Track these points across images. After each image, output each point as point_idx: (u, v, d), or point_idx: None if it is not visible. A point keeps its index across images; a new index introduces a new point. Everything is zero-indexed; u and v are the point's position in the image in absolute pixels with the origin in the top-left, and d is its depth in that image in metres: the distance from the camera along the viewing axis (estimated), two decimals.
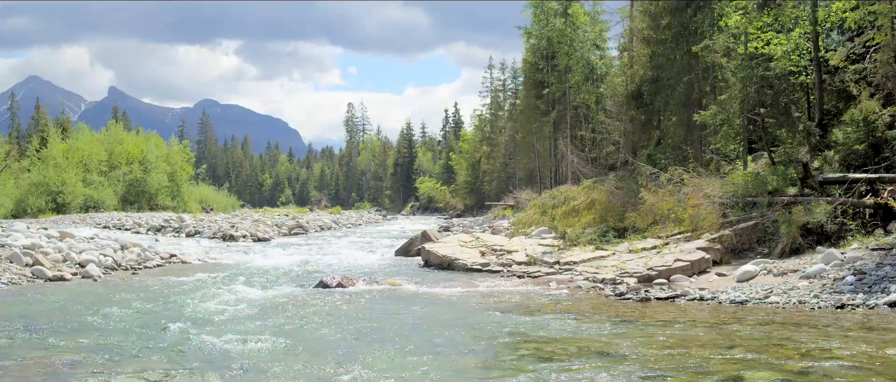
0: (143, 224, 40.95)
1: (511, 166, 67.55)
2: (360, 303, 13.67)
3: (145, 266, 20.96)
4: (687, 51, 25.40)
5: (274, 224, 43.16)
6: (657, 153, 28.32)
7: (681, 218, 19.44)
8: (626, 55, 35.68)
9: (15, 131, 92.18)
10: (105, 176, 61.82)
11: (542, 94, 45.97)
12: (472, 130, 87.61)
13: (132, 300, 14.21)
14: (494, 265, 19.70)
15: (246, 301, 13.92)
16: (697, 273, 16.00)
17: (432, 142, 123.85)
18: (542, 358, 8.63)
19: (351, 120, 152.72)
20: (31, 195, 52.95)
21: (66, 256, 19.64)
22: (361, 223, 57.78)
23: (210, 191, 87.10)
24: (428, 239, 24.62)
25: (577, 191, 26.94)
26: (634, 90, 31.95)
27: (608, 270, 17.08)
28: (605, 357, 8.58)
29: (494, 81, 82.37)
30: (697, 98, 26.07)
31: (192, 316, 12.07)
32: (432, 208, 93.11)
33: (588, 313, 12.18)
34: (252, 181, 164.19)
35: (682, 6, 26.18)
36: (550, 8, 44.47)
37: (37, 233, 23.16)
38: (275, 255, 25.45)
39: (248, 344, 9.63)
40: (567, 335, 10.18)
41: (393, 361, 8.66)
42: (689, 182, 20.24)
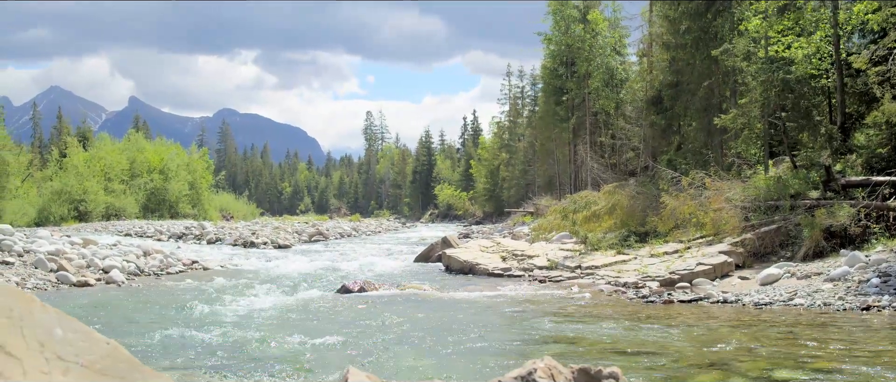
0: (164, 232, 41.26)
1: (530, 173, 67.51)
2: (382, 307, 13.71)
3: (168, 272, 21.10)
4: (707, 55, 25.32)
5: (294, 232, 43.38)
6: (677, 158, 28.23)
7: (702, 222, 19.38)
8: (646, 61, 35.61)
9: (37, 141, 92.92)
10: (126, 184, 62.25)
11: (562, 100, 45.96)
12: (490, 138, 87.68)
13: (156, 304, 14.32)
14: (516, 269, 19.69)
15: (269, 306, 13.99)
16: (720, 277, 15.93)
17: (451, 150, 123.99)
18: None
19: (369, 128, 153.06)
20: (54, 204, 53.40)
21: (89, 262, 19.81)
22: (381, 231, 57.93)
23: (230, 199, 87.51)
24: (448, 245, 24.65)
25: (597, 196, 26.91)
26: (654, 95, 31.87)
27: (630, 274, 17.05)
28: (632, 357, 8.58)
29: (513, 89, 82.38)
30: (718, 102, 25.99)
31: (217, 320, 12.15)
32: (451, 215, 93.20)
33: (611, 315, 12.17)
34: (271, 190, 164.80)
35: (701, 11, 26.10)
36: (570, 14, 44.48)
37: (60, 240, 23.37)
38: (296, 261, 25.54)
39: (273, 348, 9.68)
40: (592, 336, 10.18)
41: (418, 363, 8.68)
42: (710, 186, 20.17)
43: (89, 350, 2.11)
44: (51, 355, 1.99)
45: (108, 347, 2.17)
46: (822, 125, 20.87)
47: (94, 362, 2.07)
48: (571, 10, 44.59)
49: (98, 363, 2.08)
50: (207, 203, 71.02)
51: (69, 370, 2.00)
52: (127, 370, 2.13)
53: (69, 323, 2.20)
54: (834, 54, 20.11)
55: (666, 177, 23.60)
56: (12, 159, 50.76)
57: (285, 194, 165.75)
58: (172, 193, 65.29)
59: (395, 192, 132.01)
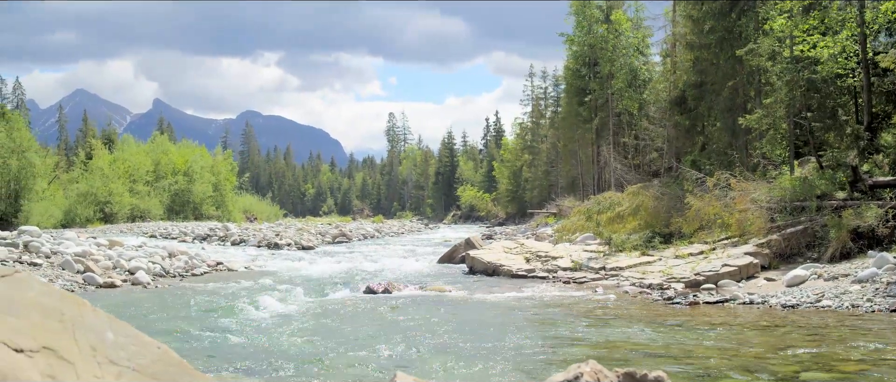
0: (189, 233, 41.50)
1: (553, 174, 67.36)
2: (407, 308, 13.73)
3: (193, 274, 21.20)
4: (731, 55, 25.17)
5: (317, 233, 43.48)
6: (702, 159, 28.07)
7: (727, 223, 19.27)
8: (669, 61, 35.45)
9: (63, 143, 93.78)
10: (151, 186, 62.73)
11: (585, 101, 45.85)
12: (513, 139, 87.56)
13: (183, 306, 14.40)
14: (540, 271, 19.66)
15: (295, 307, 14.05)
16: (746, 278, 15.84)
17: (473, 151, 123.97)
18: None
19: (392, 130, 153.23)
20: (80, 205, 53.91)
21: (115, 263, 19.94)
22: (404, 232, 57.98)
23: (254, 201, 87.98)
24: (472, 246, 24.65)
25: (621, 197, 26.82)
26: (678, 96, 31.71)
27: (655, 275, 16.98)
28: (659, 359, 8.55)
29: (535, 89, 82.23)
30: (742, 103, 25.82)
31: (242, 321, 12.21)
32: (474, 216, 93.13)
33: (637, 317, 12.13)
34: (294, 191, 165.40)
35: (725, 10, 25.96)
36: (593, 15, 44.36)
37: (86, 241, 23.56)
38: (320, 262, 25.60)
39: (299, 348, 9.73)
40: (618, 337, 10.15)
41: (445, 364, 8.69)
42: (735, 187, 20.05)
43: (140, 354, 2.12)
44: (103, 359, 2.01)
45: (159, 351, 2.19)
46: (849, 125, 20.70)
47: (146, 366, 2.09)
48: (594, 11, 44.48)
49: (149, 367, 2.10)
50: (231, 205, 71.45)
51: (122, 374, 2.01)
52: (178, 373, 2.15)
53: (120, 327, 2.22)
54: (860, 53, 19.94)
55: (690, 178, 23.49)
56: (39, 161, 51.26)
57: (308, 195, 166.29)
58: (197, 194, 65.75)
59: (418, 193, 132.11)
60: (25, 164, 48.36)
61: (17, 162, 47.72)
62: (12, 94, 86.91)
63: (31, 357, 1.86)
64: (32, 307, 2.02)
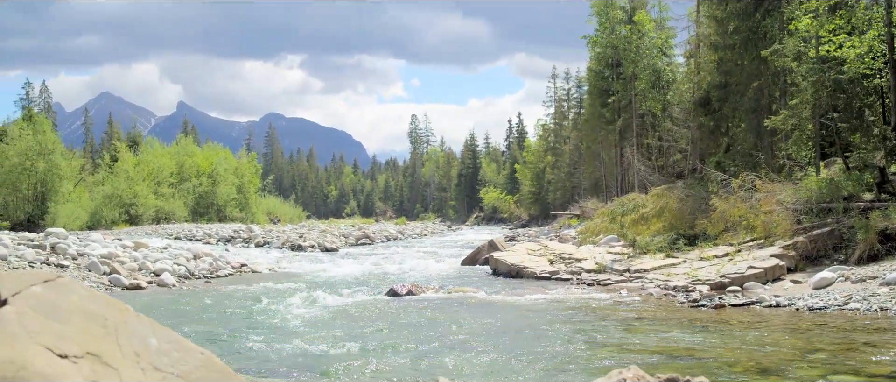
0: (213, 235, 41.72)
1: (576, 176, 67.20)
2: (431, 310, 13.73)
3: (217, 275, 21.31)
4: (756, 56, 25.00)
5: (340, 235, 43.60)
6: (726, 160, 27.91)
7: (753, 225, 19.14)
8: (693, 61, 35.26)
9: (89, 146, 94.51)
10: (175, 188, 63.13)
11: (608, 102, 45.70)
12: (536, 140, 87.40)
13: (207, 307, 14.49)
14: (563, 273, 19.61)
15: (319, 309, 14.09)
16: (772, 280, 15.73)
17: (496, 152, 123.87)
18: (622, 363, 8.58)
19: (414, 131, 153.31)
20: (105, 207, 54.34)
21: (141, 265, 20.09)
22: (426, 234, 58.01)
23: (277, 202, 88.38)
24: (495, 248, 24.63)
25: (645, 198, 26.72)
26: (702, 96, 31.54)
27: (679, 277, 16.90)
28: (686, 361, 8.51)
29: (558, 91, 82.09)
30: (767, 103, 25.64)
31: (267, 323, 12.27)
32: (497, 218, 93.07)
33: (662, 319, 12.08)
34: (317, 193, 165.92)
35: (750, 10, 25.79)
36: (615, 16, 44.23)
37: (112, 243, 23.74)
38: (343, 264, 25.66)
39: (324, 351, 9.75)
40: (643, 340, 10.11)
41: (478, 369, 8.67)
42: (761, 188, 19.92)
43: (184, 360, 2.13)
44: (147, 365, 2.02)
45: (203, 357, 2.20)
46: (876, 126, 20.50)
47: (189, 372, 2.10)
48: (617, 12, 44.34)
49: (193, 373, 2.11)
50: (255, 207, 71.78)
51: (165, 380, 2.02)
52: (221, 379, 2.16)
53: (163, 333, 2.23)
54: (887, 53, 19.75)
55: (715, 179, 23.35)
56: (65, 163, 51.71)
57: (331, 197, 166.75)
58: (220, 196, 66.11)
59: (441, 195, 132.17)
60: (52, 166, 48.81)
61: (43, 164, 48.18)
62: (39, 97, 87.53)
63: (76, 363, 1.88)
64: (76, 312, 2.03)
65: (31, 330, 1.87)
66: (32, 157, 47.78)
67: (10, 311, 1.91)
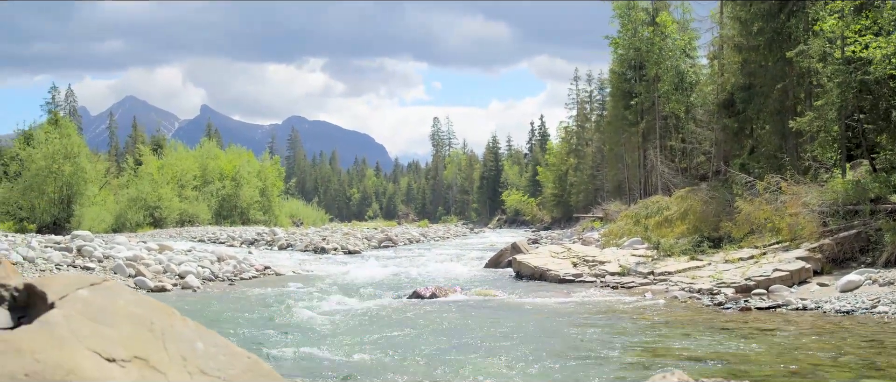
0: (236, 238, 41.94)
1: (598, 178, 66.99)
2: (456, 313, 13.74)
3: (241, 278, 21.39)
4: (780, 57, 24.84)
5: (363, 237, 43.68)
6: (751, 162, 27.75)
7: (778, 227, 19.01)
8: (717, 63, 35.07)
9: (114, 150, 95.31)
10: (199, 191, 63.48)
11: (631, 104, 45.51)
12: (558, 143, 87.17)
13: (232, 310, 14.56)
14: (587, 275, 19.57)
15: (343, 312, 14.13)
16: (797, 283, 15.62)
17: (518, 155, 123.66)
18: (649, 367, 8.56)
19: (437, 134, 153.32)
20: (130, 210, 54.77)
21: (166, 267, 20.21)
22: (449, 236, 58.02)
23: (300, 205, 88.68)
24: (518, 251, 24.59)
25: (669, 201, 26.60)
26: (726, 98, 31.37)
27: (704, 280, 16.81)
28: (714, 365, 8.47)
29: (580, 93, 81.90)
30: (792, 105, 25.47)
31: (293, 326, 12.31)
32: (519, 220, 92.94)
33: (687, 322, 12.02)
34: (340, 196, 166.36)
35: (774, 11, 25.62)
36: (638, 17, 44.05)
37: (137, 246, 23.89)
38: (367, 267, 25.71)
39: (351, 354, 9.76)
40: (669, 343, 10.07)
41: (499, 371, 8.67)
42: (786, 190, 19.78)
43: (231, 364, 2.15)
44: (194, 369, 2.04)
45: (249, 361, 2.21)
46: None
47: (236, 376, 2.11)
48: (639, 13, 44.15)
49: (240, 377, 2.12)
50: (278, 209, 72.05)
51: None
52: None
53: (209, 337, 2.25)
54: None
55: (739, 181, 23.22)
56: (90, 167, 52.13)
57: (354, 200, 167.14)
58: (244, 199, 66.42)
59: (463, 197, 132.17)
60: (77, 169, 49.22)
61: (69, 168, 48.58)
62: (64, 101, 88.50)
63: (124, 367, 1.90)
64: (123, 315, 2.05)
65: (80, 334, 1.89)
66: (59, 160, 48.20)
67: (57, 314, 1.94)
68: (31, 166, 48.41)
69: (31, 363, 1.78)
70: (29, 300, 2.11)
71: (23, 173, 49.00)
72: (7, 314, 2.08)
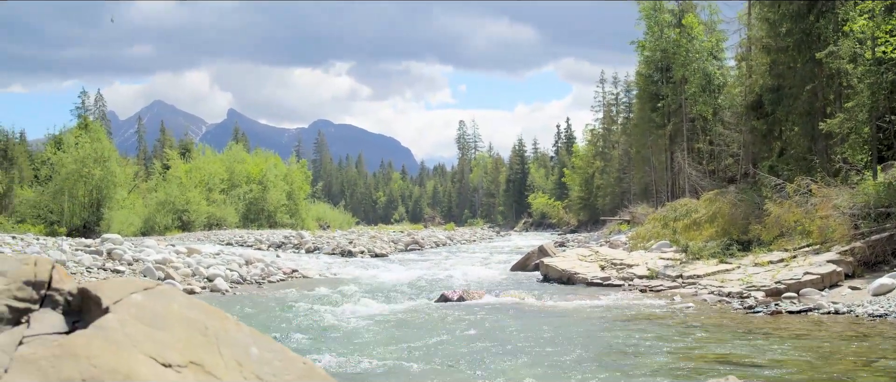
0: (264, 241, 42.13)
1: (625, 181, 66.73)
2: (484, 316, 13.73)
3: (269, 281, 21.49)
4: (810, 58, 24.64)
5: (390, 241, 43.74)
6: (780, 164, 27.54)
7: (808, 230, 18.85)
8: (744, 64, 34.85)
9: (142, 153, 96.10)
10: (226, 195, 63.80)
11: (657, 106, 45.26)
12: (584, 145, 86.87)
13: (261, 313, 14.64)
14: (615, 279, 19.50)
15: (371, 315, 14.16)
16: (828, 287, 15.47)
17: (544, 158, 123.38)
18: (680, 371, 8.51)
19: (462, 137, 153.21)
20: (158, 214, 55.10)
21: (194, 270, 20.35)
22: (475, 239, 57.99)
23: (327, 209, 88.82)
24: (545, 254, 24.54)
25: (697, 203, 26.45)
26: (754, 100, 31.16)
27: (734, 283, 16.70)
28: (745, 370, 8.41)
29: (607, 96, 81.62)
30: (822, 106, 25.26)
31: (322, 329, 12.35)
32: (545, 223, 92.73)
33: (717, 326, 11.94)
34: (366, 199, 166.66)
35: (803, 12, 25.42)
36: (664, 19, 43.82)
37: (166, 249, 24.08)
38: (393, 270, 25.75)
39: (382, 358, 9.78)
40: (700, 347, 10.02)
41: (531, 375, 8.64)
42: (816, 193, 19.60)
43: (286, 369, 2.15)
44: (249, 374, 2.04)
45: (305, 367, 2.22)
46: None
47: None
48: (665, 15, 43.92)
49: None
50: (305, 213, 72.22)
51: None
52: None
53: (264, 342, 2.26)
54: None
55: (768, 184, 23.03)
56: (119, 170, 52.56)
57: (380, 203, 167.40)
58: (271, 203, 66.64)
59: (489, 201, 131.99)
60: (107, 173, 49.64)
61: (100, 172, 49.00)
62: (94, 105, 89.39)
63: (180, 372, 1.91)
64: (177, 320, 2.07)
65: (135, 339, 1.91)
66: (89, 164, 48.64)
67: (112, 319, 1.96)
68: (62, 170, 48.89)
69: (87, 367, 1.80)
70: (83, 304, 2.13)
71: (53, 176, 49.51)
72: (62, 319, 2.11)
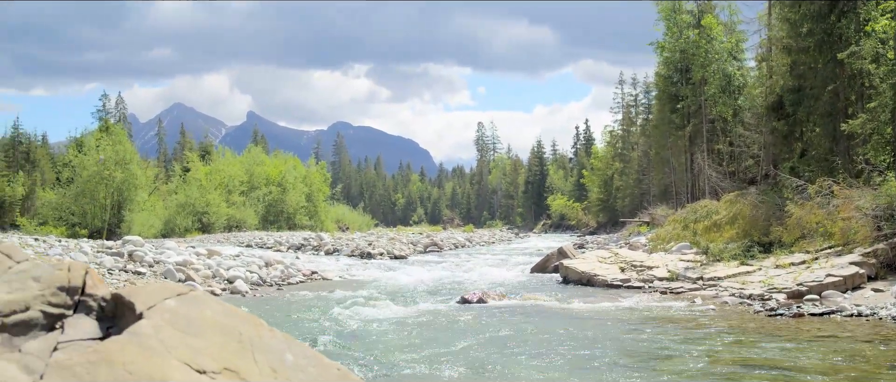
0: (283, 243, 42.27)
1: (644, 182, 66.50)
2: (505, 318, 13.72)
3: (289, 283, 21.57)
4: (831, 58, 24.47)
5: (409, 242, 43.81)
6: (801, 165, 27.36)
7: (830, 232, 18.72)
8: (765, 65, 34.65)
9: (162, 156, 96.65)
10: (245, 197, 64.04)
11: (677, 107, 45.07)
12: (603, 147, 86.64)
13: (282, 314, 14.68)
14: (635, 281, 19.45)
15: (392, 317, 14.17)
16: (851, 289, 15.36)
17: (563, 159, 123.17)
18: (707, 374, 8.47)
19: (481, 139, 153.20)
20: (178, 216, 55.37)
21: (215, 272, 20.46)
22: (494, 241, 57.98)
23: (346, 210, 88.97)
24: (565, 256, 24.50)
25: (718, 205, 26.33)
26: (774, 101, 30.97)
27: (755, 286, 16.62)
28: (769, 373, 8.36)
29: (626, 97, 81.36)
30: (843, 107, 25.08)
31: (343, 332, 12.37)
32: (564, 225, 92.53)
33: (739, 329, 11.88)
34: (385, 201, 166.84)
35: (824, 12, 25.25)
36: (683, 20, 43.64)
37: (186, 251, 24.23)
38: (413, 272, 25.76)
39: (404, 362, 9.76)
40: (722, 350, 9.97)
41: (547, 377, 8.63)
42: (838, 194, 19.47)
43: (320, 376, 2.16)
44: (284, 381, 2.05)
45: (339, 373, 2.23)
46: None
47: None
48: (684, 16, 43.74)
49: None
50: (324, 215, 72.37)
51: None
52: None
53: (299, 348, 2.27)
54: None
55: (789, 185, 22.88)
56: (140, 173, 52.89)
57: (398, 205, 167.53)
58: (290, 205, 66.84)
59: (508, 202, 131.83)
60: (128, 176, 49.95)
61: (121, 174, 49.31)
62: (115, 108, 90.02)
63: (214, 379, 1.92)
64: (211, 326, 2.08)
65: (169, 345, 1.93)
66: (110, 167, 48.94)
67: (146, 325, 1.97)
68: (83, 173, 49.22)
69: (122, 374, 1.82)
70: (117, 310, 2.15)
71: (75, 179, 49.86)
72: (96, 324, 2.13)
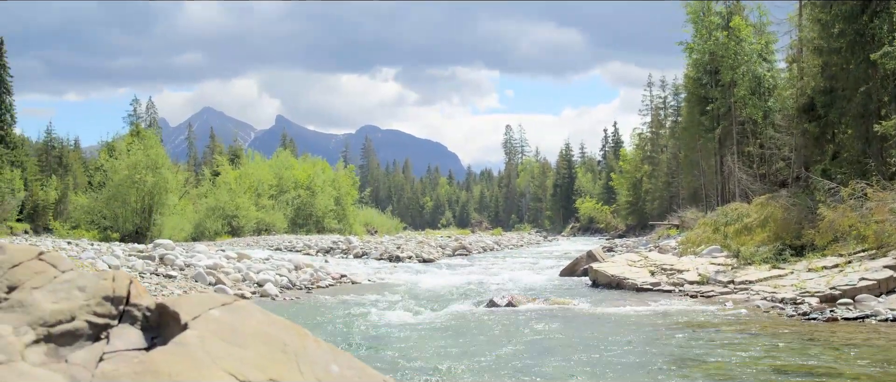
0: (312, 246, 42.42)
1: (674, 185, 66.14)
2: (534, 322, 13.69)
3: (318, 286, 21.63)
4: (863, 59, 24.21)
5: (438, 246, 43.82)
6: (833, 168, 27.09)
7: (864, 235, 18.51)
8: (795, 66, 34.36)
9: (192, 160, 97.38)
10: (275, 200, 64.40)
11: (706, 110, 44.81)
12: (632, 150, 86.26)
13: (311, 318, 14.75)
14: (665, 284, 19.34)
15: (421, 321, 14.19)
16: (886, 293, 15.18)
17: (591, 162, 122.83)
18: (737, 380, 8.41)
19: (509, 142, 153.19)
20: (208, 219, 55.81)
21: (245, 276, 20.58)
22: (522, 245, 57.87)
23: (374, 214, 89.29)
24: (594, 259, 24.43)
25: (749, 208, 26.13)
26: (806, 103, 30.70)
27: (787, 289, 16.47)
28: (805, 379, 8.28)
29: (654, 99, 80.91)
30: (876, 108, 24.81)
31: (373, 336, 12.40)
32: (593, 228, 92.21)
33: (772, 333, 11.78)
34: (413, 204, 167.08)
35: (856, 12, 24.99)
36: (712, 21, 43.37)
37: (216, 254, 24.38)
38: (442, 275, 25.79)
39: (439, 368, 9.75)
40: (755, 355, 9.88)
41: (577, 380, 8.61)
42: (872, 197, 19.26)
43: None
44: None
45: None
46: None
47: None
48: (713, 17, 43.46)
49: None
50: (352, 218, 72.65)
51: None
52: None
53: (344, 359, 2.28)
54: None
55: (821, 188, 22.67)
56: (171, 177, 53.28)
57: (427, 208, 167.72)
58: (319, 208, 67.14)
59: (536, 205, 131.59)
60: (159, 179, 50.33)
61: (151, 178, 49.71)
62: (145, 113, 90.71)
63: None
64: (255, 336, 2.10)
65: (215, 355, 1.94)
66: (141, 170, 49.35)
67: (192, 335, 1.99)
68: (115, 177, 49.66)
69: None
70: (161, 320, 2.17)
71: (107, 183, 50.32)
72: (140, 335, 2.15)
